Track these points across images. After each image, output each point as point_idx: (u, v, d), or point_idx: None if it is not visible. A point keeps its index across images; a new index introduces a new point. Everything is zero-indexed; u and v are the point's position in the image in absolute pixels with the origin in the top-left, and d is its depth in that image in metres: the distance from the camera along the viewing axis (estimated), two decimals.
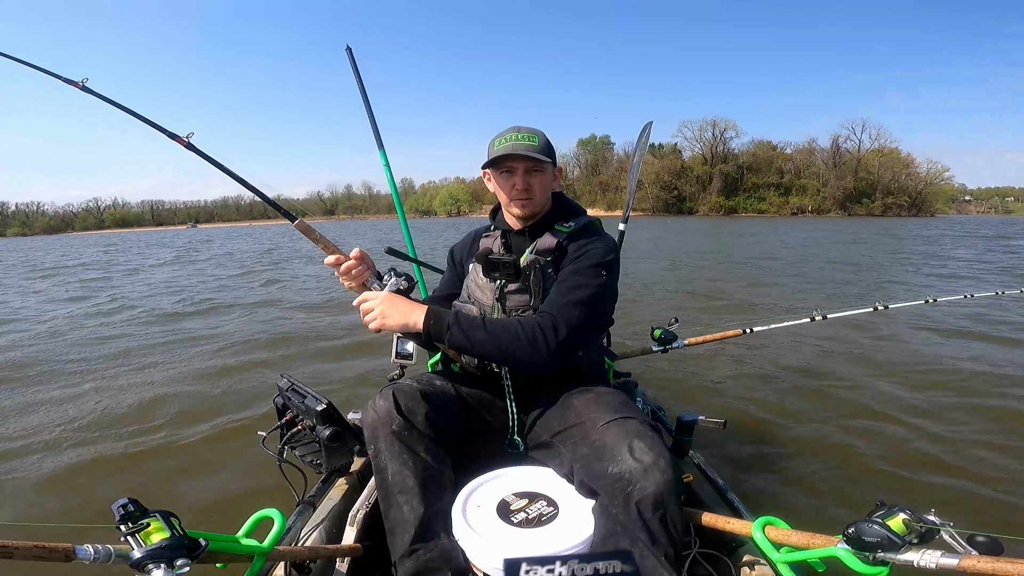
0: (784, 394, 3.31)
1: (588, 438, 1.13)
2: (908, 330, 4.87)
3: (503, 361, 1.23)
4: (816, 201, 61.62)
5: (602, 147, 76.46)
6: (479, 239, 1.49)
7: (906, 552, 0.78)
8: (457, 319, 1.19)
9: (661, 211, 64.37)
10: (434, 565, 1.05)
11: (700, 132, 71.18)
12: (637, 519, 0.96)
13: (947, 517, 0.80)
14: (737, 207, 64.51)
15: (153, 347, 4.83)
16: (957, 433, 2.70)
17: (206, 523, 0.91)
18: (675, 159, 69.72)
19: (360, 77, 2.33)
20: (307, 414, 1.41)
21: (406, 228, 2.46)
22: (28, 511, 2.18)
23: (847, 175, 61.35)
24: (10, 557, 0.68)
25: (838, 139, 65.93)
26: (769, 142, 70.22)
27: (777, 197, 64.11)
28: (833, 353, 4.17)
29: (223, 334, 5.26)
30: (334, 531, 1.33)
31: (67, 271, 13.55)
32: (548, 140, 1.34)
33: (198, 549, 0.81)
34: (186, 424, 2.99)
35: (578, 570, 0.59)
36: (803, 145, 68.37)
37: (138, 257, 18.11)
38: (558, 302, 1.22)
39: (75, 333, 5.57)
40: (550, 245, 1.32)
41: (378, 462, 1.17)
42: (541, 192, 1.34)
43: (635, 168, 2.48)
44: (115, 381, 3.83)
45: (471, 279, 1.41)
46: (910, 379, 3.54)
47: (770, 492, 2.19)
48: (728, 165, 67.19)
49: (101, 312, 6.77)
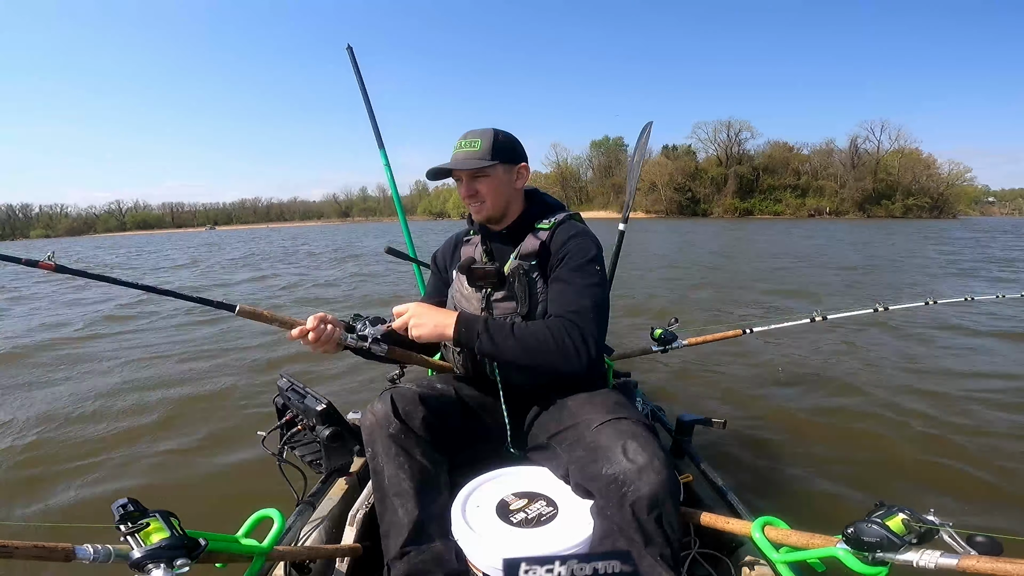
0: (784, 394, 3.31)
1: (583, 439, 1.13)
2: (908, 330, 4.87)
3: (533, 368, 1.19)
4: (834, 203, 60.07)
5: (615, 148, 75.23)
6: (460, 245, 1.47)
7: (905, 552, 0.78)
8: (487, 326, 1.18)
9: (675, 213, 63.26)
10: (425, 568, 1.05)
11: (715, 133, 69.95)
12: (632, 520, 0.96)
13: (946, 517, 0.80)
14: (752, 209, 63.22)
15: (154, 348, 4.83)
16: (957, 433, 2.70)
17: (206, 523, 0.90)
18: (689, 161, 68.36)
19: (361, 76, 2.32)
20: (307, 414, 1.41)
21: (406, 229, 2.46)
22: (28, 511, 2.18)
23: (866, 176, 60.00)
24: (10, 557, 0.68)
25: (856, 139, 64.44)
26: (785, 143, 68.72)
27: (794, 199, 62.77)
28: (833, 353, 4.17)
29: (223, 334, 5.26)
30: (334, 531, 1.33)
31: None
32: (502, 139, 1.30)
33: (198, 549, 0.81)
34: (186, 424, 3.00)
35: (577, 570, 0.59)
36: (821, 146, 66.93)
37: (155, 259, 18.06)
38: (572, 308, 1.20)
39: (75, 332, 5.57)
40: (534, 248, 1.29)
41: (375, 465, 1.17)
42: (491, 196, 1.31)
43: (634, 169, 2.48)
44: (116, 381, 3.83)
45: (456, 289, 1.39)
46: (910, 379, 3.54)
47: (770, 492, 2.19)
48: (743, 167, 65.82)
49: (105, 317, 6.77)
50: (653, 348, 2.28)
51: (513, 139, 1.34)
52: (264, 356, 4.39)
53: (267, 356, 4.38)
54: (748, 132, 68.82)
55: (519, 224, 1.36)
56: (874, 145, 63.71)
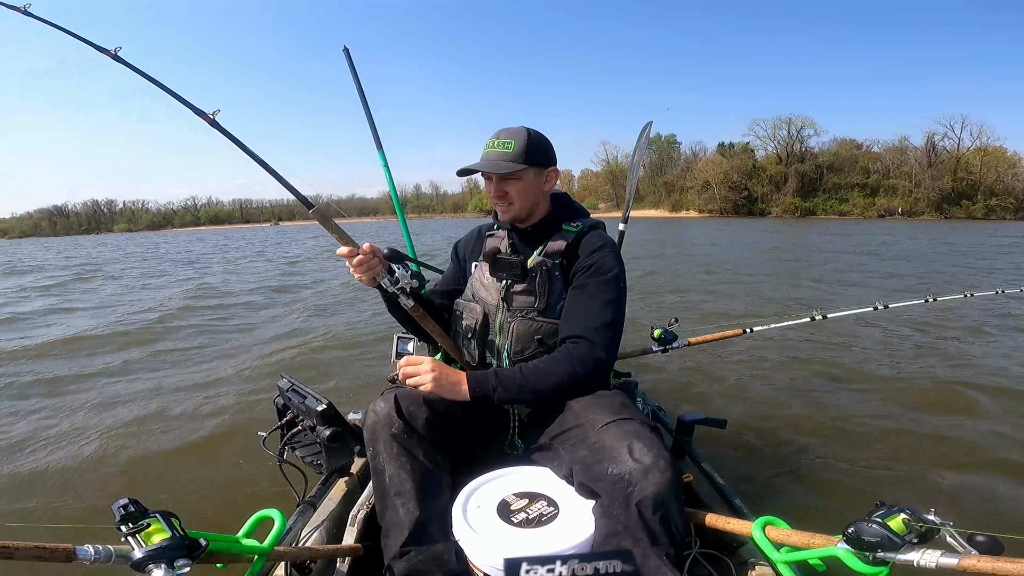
0: (784, 394, 3.31)
1: (587, 440, 1.13)
2: (909, 330, 4.87)
3: (555, 398, 1.24)
4: (908, 203, 54.74)
5: (667, 147, 71.58)
6: (485, 237, 1.49)
7: (906, 552, 0.78)
8: (498, 378, 1.22)
9: (730, 212, 58.77)
10: (426, 567, 1.05)
11: (774, 130, 64.80)
12: (638, 520, 0.96)
13: (947, 517, 0.80)
14: (815, 208, 58.28)
15: (154, 347, 4.84)
16: (957, 433, 2.70)
17: (206, 523, 0.91)
18: (746, 159, 63.73)
19: (358, 78, 2.32)
20: (307, 414, 1.41)
21: (405, 229, 2.46)
22: (28, 511, 2.18)
23: (944, 175, 54.41)
24: (11, 558, 0.68)
25: (933, 136, 58.41)
26: (853, 140, 63.46)
27: (862, 198, 57.23)
28: (833, 352, 4.17)
29: (222, 333, 5.26)
30: (334, 531, 1.33)
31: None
32: (535, 141, 1.31)
33: (198, 549, 0.81)
34: (187, 424, 3.00)
35: (578, 570, 0.59)
36: (894, 143, 60.96)
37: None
38: (589, 325, 1.24)
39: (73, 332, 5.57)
40: (560, 247, 1.32)
41: (376, 464, 1.17)
42: (519, 198, 1.32)
43: (635, 168, 2.48)
44: (116, 380, 3.83)
45: (476, 278, 1.41)
46: (910, 379, 3.54)
47: (770, 492, 2.20)
48: (805, 164, 60.93)
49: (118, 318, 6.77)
50: (653, 348, 2.28)
51: (545, 142, 1.35)
52: (265, 356, 4.40)
53: (268, 356, 4.39)
54: (811, 129, 63.61)
55: (544, 224, 1.39)
56: (953, 143, 57.66)
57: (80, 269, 14.42)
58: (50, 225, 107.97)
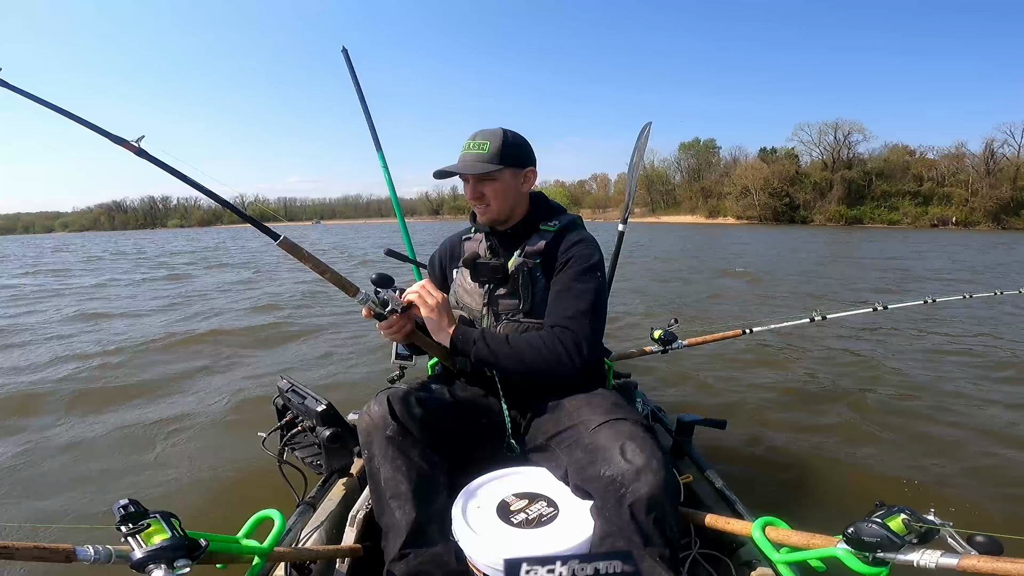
0: (784, 394, 3.31)
1: (581, 441, 1.13)
2: (910, 330, 4.87)
3: (529, 375, 1.25)
4: (963, 212, 51.90)
5: (706, 151, 70.31)
6: (461, 243, 1.48)
7: (906, 552, 0.78)
8: (483, 337, 1.23)
9: (770, 219, 56.36)
10: (424, 569, 1.05)
11: (820, 136, 62.66)
12: (631, 521, 0.96)
13: (947, 517, 0.80)
14: (862, 217, 55.47)
15: (154, 349, 4.83)
16: (957, 432, 2.70)
17: (206, 524, 0.91)
18: (790, 164, 61.56)
19: (357, 79, 2.32)
20: (307, 415, 1.41)
21: (404, 230, 2.46)
22: (28, 512, 2.18)
23: (1003, 184, 51.19)
24: (11, 558, 0.68)
25: (992, 143, 55.13)
26: (906, 146, 60.60)
27: (913, 207, 54.51)
28: (833, 353, 4.17)
29: (223, 334, 5.26)
30: (334, 532, 1.33)
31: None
32: (511, 142, 1.30)
33: (198, 550, 0.81)
34: (186, 424, 2.99)
35: (578, 570, 0.59)
36: (950, 150, 57.74)
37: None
38: (567, 314, 1.24)
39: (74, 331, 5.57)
40: (539, 247, 1.32)
41: (372, 467, 1.17)
42: (496, 199, 1.31)
43: (633, 169, 2.48)
44: (115, 380, 3.83)
45: (459, 284, 1.40)
46: (910, 379, 3.54)
47: (770, 492, 2.19)
48: (853, 171, 58.39)
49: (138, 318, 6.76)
50: (653, 349, 2.28)
51: (522, 141, 1.34)
52: (264, 356, 4.39)
53: (267, 356, 4.39)
54: (859, 134, 61.33)
55: (523, 225, 1.38)
56: (1013, 149, 54.66)
57: (85, 265, 14.29)
58: (108, 219, 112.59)
